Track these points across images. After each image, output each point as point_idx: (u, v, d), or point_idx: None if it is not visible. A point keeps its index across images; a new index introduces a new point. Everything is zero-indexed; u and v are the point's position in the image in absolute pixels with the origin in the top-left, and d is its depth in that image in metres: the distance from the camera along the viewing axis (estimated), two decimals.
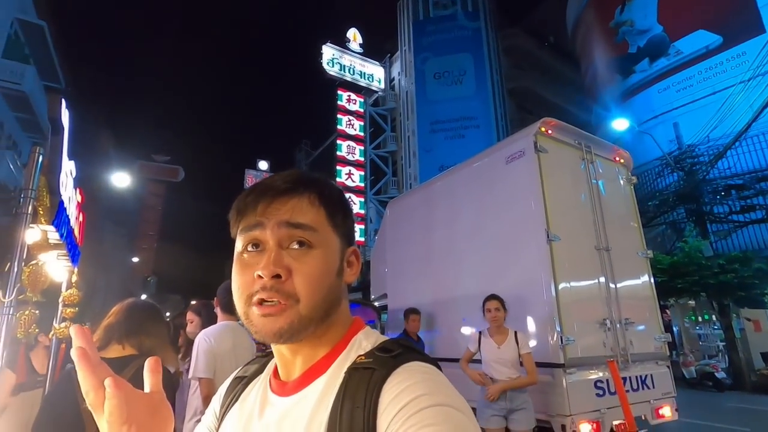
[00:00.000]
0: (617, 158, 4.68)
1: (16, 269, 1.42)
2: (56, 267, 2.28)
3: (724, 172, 13.73)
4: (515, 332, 3.26)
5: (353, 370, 0.55)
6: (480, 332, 3.38)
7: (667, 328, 12.37)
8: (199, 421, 2.43)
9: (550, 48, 28.60)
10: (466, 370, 3.36)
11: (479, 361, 3.36)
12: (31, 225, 1.55)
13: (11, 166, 13.01)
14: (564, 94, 26.72)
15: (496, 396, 3.13)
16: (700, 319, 16.00)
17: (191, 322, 3.00)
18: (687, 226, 13.99)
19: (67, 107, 1.81)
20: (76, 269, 2.69)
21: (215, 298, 2.69)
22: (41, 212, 1.62)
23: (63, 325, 2.44)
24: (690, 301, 15.03)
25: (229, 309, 2.61)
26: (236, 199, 0.62)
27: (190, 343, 2.80)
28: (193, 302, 3.26)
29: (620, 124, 13.62)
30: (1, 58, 13.76)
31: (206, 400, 2.28)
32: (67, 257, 2.30)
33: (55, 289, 2.65)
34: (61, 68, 17.01)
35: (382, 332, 6.15)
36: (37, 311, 1.93)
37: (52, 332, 2.68)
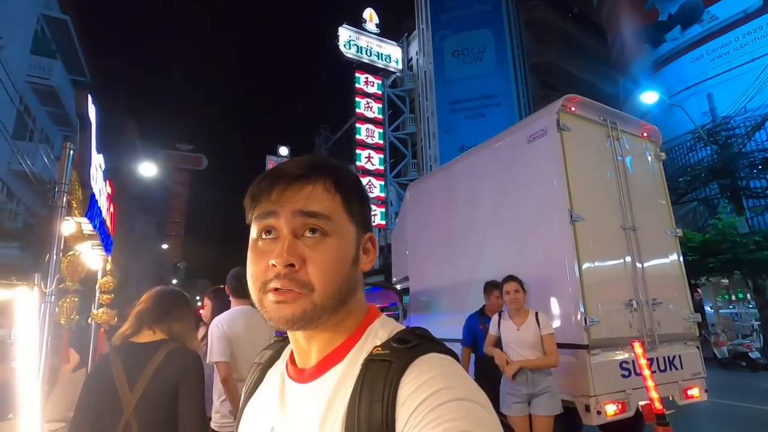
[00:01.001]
0: (645, 134, 4.51)
1: (54, 260, 1.51)
2: (91, 256, 2.39)
3: (762, 145, 13.06)
4: (536, 313, 3.17)
5: (370, 362, 0.54)
6: (499, 314, 3.33)
7: (698, 307, 12.06)
8: (224, 401, 2.55)
9: (574, 19, 27.37)
10: (492, 351, 3.26)
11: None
12: (66, 217, 1.64)
13: (45, 160, 13.55)
14: (590, 68, 25.66)
15: (511, 374, 3.04)
16: (733, 297, 15.50)
17: (205, 307, 3.15)
18: (720, 202, 13.45)
19: (93, 102, 1.88)
20: (109, 258, 2.82)
21: (226, 285, 2.81)
22: (75, 205, 1.71)
23: (101, 310, 2.58)
24: (723, 280, 14.56)
25: (240, 293, 2.75)
26: (251, 186, 0.62)
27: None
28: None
29: (649, 97, 13.04)
30: (29, 54, 14.19)
31: (224, 382, 2.42)
32: (101, 247, 2.41)
33: (91, 277, 2.78)
34: (85, 62, 17.44)
35: (405, 314, 6.22)
36: (76, 299, 2.04)
37: (90, 317, 2.83)
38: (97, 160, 2.11)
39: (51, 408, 2.25)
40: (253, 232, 0.60)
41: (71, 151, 1.68)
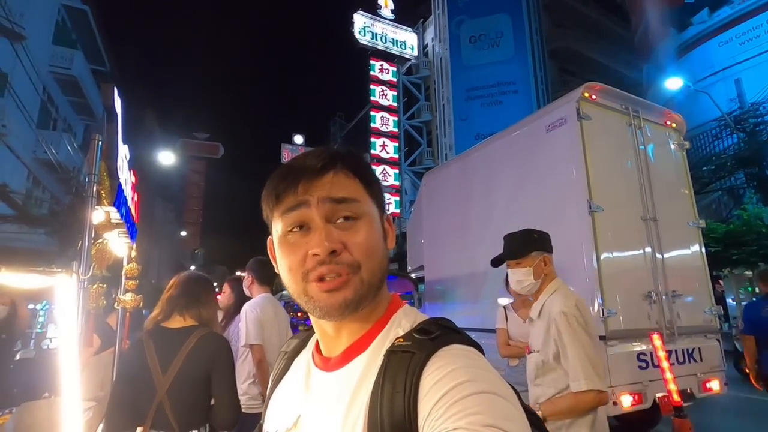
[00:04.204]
0: (668, 122, 4.40)
1: (86, 248, 1.58)
2: (118, 244, 2.48)
3: None
4: None
5: (392, 353, 0.54)
6: (504, 307, 3.31)
7: (720, 300, 11.79)
8: (253, 383, 2.66)
9: (595, 2, 26.47)
10: (508, 351, 3.19)
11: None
12: (96, 207, 1.70)
13: (69, 148, 13.90)
14: (611, 53, 24.89)
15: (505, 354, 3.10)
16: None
17: (224, 293, 3.25)
18: (746, 192, 13.04)
19: (118, 95, 1.93)
20: (134, 245, 2.91)
21: (249, 275, 2.89)
22: (103, 195, 1.77)
23: (127, 296, 2.68)
24: (747, 272, 14.19)
25: (265, 281, 2.86)
26: (269, 183, 0.62)
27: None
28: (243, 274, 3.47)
29: (674, 83, 12.61)
30: (51, 44, 14.47)
31: (259, 364, 2.52)
32: (127, 234, 2.49)
33: (117, 263, 2.87)
34: (105, 51, 17.70)
35: (420, 303, 6.27)
36: (104, 285, 2.13)
37: (117, 303, 2.94)
38: (123, 151, 2.18)
39: (82, 388, 2.37)
40: (279, 227, 0.60)
41: (99, 143, 1.74)
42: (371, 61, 22.50)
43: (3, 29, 9.86)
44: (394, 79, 22.90)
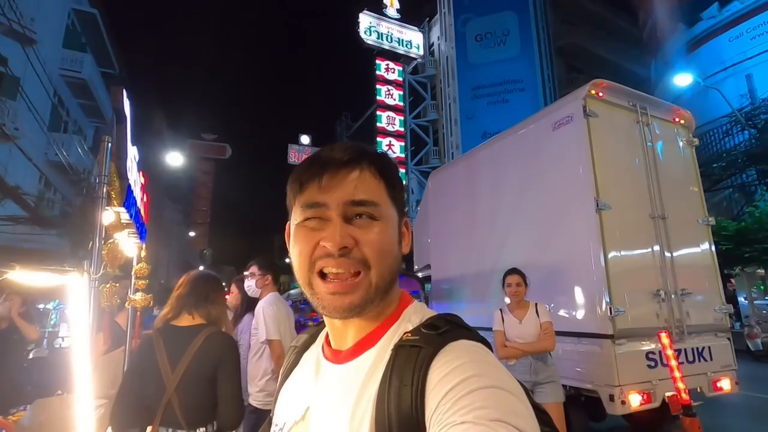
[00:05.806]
0: (677, 119, 4.36)
1: (97, 247, 1.61)
2: (128, 244, 2.52)
3: None
4: (536, 304, 3.18)
5: (400, 348, 0.55)
6: (500, 310, 3.28)
7: (731, 298, 11.64)
8: (271, 379, 2.70)
9: None
10: (506, 353, 3.13)
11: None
12: (106, 208, 1.73)
13: (79, 150, 14.09)
14: (619, 50, 24.63)
15: (503, 356, 3.06)
16: None
17: (232, 293, 3.32)
18: (758, 189, 12.85)
19: (128, 97, 1.96)
20: (144, 245, 2.95)
21: (266, 274, 2.94)
22: (113, 196, 1.80)
23: (137, 295, 2.72)
24: (759, 270, 13.99)
25: (277, 280, 3.00)
26: (295, 170, 0.62)
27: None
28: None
29: (683, 80, 12.44)
30: (61, 47, 14.66)
31: (279, 359, 2.56)
32: (137, 235, 2.53)
33: (127, 263, 2.91)
34: (114, 54, 17.90)
35: (427, 302, 6.27)
36: (117, 284, 2.17)
37: (127, 302, 2.98)
38: (132, 152, 2.21)
39: (93, 386, 2.40)
40: (299, 216, 0.60)
41: (109, 145, 1.77)
42: (377, 61, 22.52)
43: (15, 33, 10.02)
44: (400, 79, 22.91)
